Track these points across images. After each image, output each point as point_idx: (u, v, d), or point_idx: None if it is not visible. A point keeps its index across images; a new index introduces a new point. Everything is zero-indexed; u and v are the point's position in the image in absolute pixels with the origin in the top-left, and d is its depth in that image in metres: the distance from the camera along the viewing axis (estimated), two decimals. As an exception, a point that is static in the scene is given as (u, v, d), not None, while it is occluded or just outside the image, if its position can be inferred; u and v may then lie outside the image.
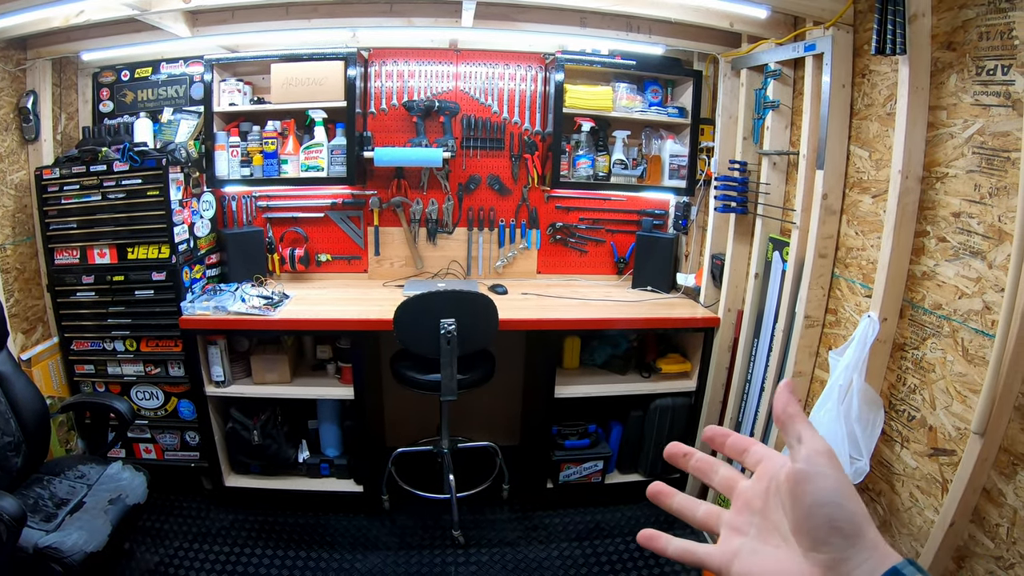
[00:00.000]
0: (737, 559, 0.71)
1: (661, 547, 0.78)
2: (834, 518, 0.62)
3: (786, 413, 0.70)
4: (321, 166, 4.39)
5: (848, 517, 0.62)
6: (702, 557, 0.74)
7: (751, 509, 0.73)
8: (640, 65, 4.43)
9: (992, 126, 2.31)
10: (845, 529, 0.62)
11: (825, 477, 0.64)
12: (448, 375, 3.88)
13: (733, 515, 0.75)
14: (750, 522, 0.73)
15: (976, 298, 2.39)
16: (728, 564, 0.71)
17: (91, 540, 2.93)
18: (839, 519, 0.62)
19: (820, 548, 0.63)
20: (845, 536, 0.62)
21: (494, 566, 3.94)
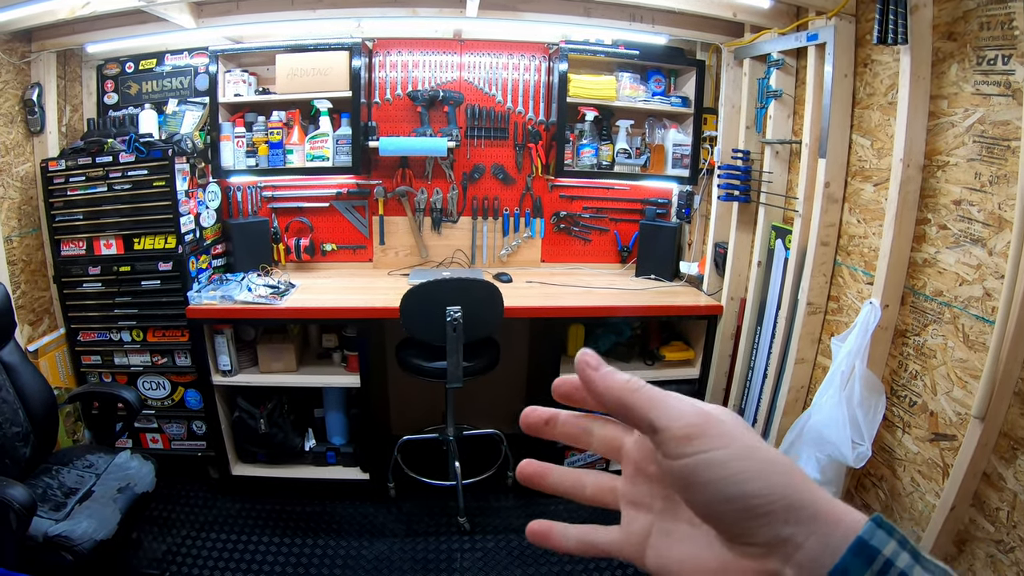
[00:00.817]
0: (649, 548, 0.58)
1: (557, 543, 0.64)
2: (745, 508, 0.48)
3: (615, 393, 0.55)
4: (326, 156, 4.41)
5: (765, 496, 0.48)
6: (605, 547, 0.62)
7: (646, 476, 0.60)
8: (643, 55, 4.44)
9: (992, 115, 2.33)
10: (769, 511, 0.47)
11: (711, 466, 0.49)
12: (454, 362, 3.90)
13: (628, 485, 0.62)
14: (650, 493, 0.59)
15: (976, 285, 2.41)
16: (640, 554, 0.59)
17: (101, 528, 2.96)
18: (752, 506, 0.48)
19: (744, 539, 0.49)
20: (771, 520, 0.47)
21: (499, 552, 3.97)
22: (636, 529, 0.59)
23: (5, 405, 3.22)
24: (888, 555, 0.44)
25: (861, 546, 0.45)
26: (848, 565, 0.45)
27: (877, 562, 0.44)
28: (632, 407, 0.53)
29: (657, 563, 0.57)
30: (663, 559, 0.57)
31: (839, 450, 2.75)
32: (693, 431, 0.50)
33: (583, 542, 0.63)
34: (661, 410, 0.51)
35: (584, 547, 0.63)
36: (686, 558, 0.55)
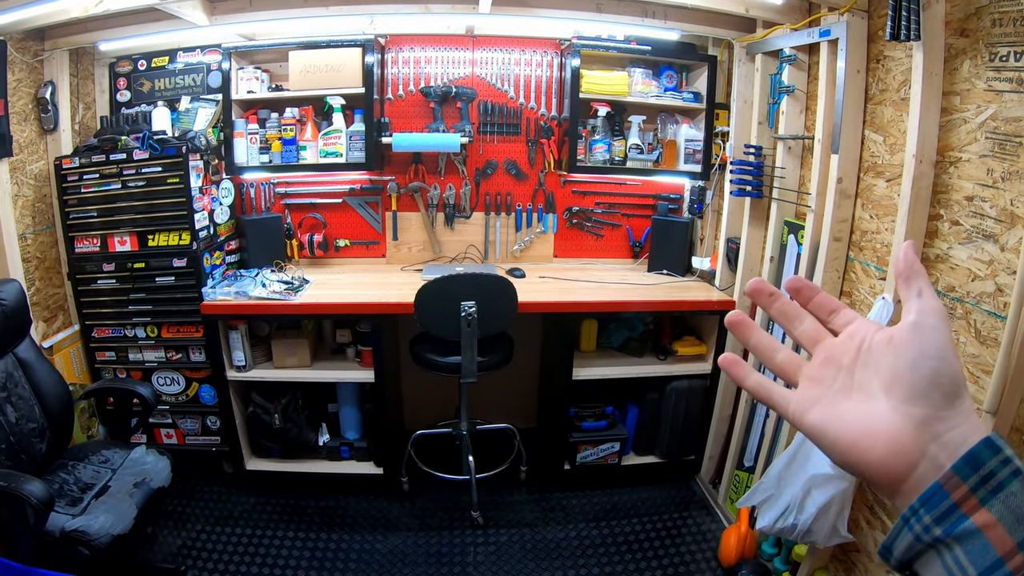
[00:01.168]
0: (815, 407, 0.69)
1: (740, 375, 0.77)
2: (939, 373, 0.61)
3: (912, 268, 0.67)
4: (339, 152, 4.42)
5: (951, 376, 0.61)
6: (777, 398, 0.73)
7: (837, 365, 0.70)
8: (655, 50, 4.44)
9: (1005, 111, 2.33)
10: (946, 387, 0.61)
11: (937, 331, 0.63)
12: (468, 357, 3.92)
13: (816, 367, 0.72)
14: (834, 377, 0.70)
15: (988, 280, 2.41)
16: (803, 412, 0.70)
17: (117, 523, 2.98)
18: (943, 375, 0.61)
19: (918, 401, 0.61)
20: (944, 394, 0.61)
21: (512, 546, 3.99)
22: (809, 395, 0.70)
23: (21, 401, 3.25)
24: (1008, 454, 0.56)
25: (990, 443, 0.57)
26: (980, 451, 0.57)
27: (1001, 455, 0.56)
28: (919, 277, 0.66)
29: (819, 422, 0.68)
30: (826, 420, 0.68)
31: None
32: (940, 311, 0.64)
33: (761, 385, 0.75)
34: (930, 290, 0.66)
35: (760, 389, 0.75)
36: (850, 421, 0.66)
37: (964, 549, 0.55)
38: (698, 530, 4.16)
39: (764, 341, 0.77)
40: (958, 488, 0.56)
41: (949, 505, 0.56)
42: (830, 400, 0.69)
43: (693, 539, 4.08)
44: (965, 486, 0.56)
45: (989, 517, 0.54)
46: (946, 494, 0.56)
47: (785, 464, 3.10)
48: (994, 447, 0.56)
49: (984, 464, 0.56)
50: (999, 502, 0.54)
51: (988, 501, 0.55)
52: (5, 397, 3.17)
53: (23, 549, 2.81)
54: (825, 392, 0.69)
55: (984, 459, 0.56)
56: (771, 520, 3.10)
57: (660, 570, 3.81)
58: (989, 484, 0.55)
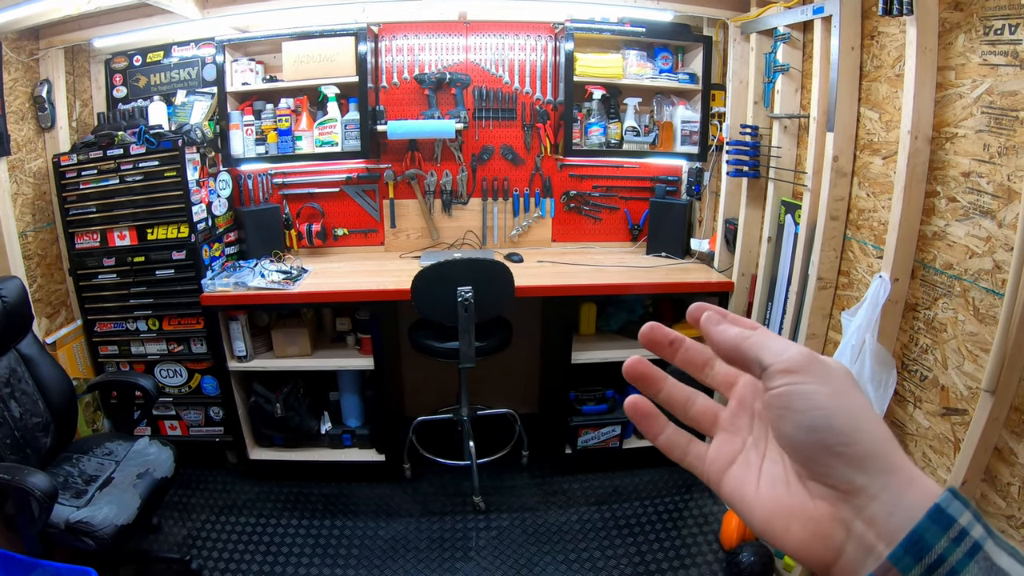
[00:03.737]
0: (729, 472, 0.61)
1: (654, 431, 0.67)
2: (827, 442, 0.51)
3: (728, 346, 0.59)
4: (335, 141, 4.43)
5: (847, 436, 0.51)
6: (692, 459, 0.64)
7: (749, 412, 0.63)
8: (650, 32, 4.43)
9: (1000, 86, 2.32)
10: (847, 453, 0.50)
11: (803, 396, 0.52)
12: (466, 342, 3.93)
13: (729, 416, 0.64)
14: (748, 426, 0.62)
15: (986, 257, 2.41)
16: (718, 476, 0.62)
17: (121, 513, 3.01)
18: (834, 442, 0.51)
19: (820, 478, 0.52)
20: (848, 461, 0.50)
21: (514, 531, 4.01)
22: (723, 454, 0.62)
23: (25, 396, 3.27)
24: (964, 525, 0.46)
25: (938, 513, 0.47)
26: (924, 531, 0.46)
27: (953, 530, 0.46)
28: (745, 352, 0.57)
29: (731, 489, 0.60)
30: (739, 487, 0.60)
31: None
32: (794, 365, 0.53)
33: (672, 442, 0.66)
34: (770, 349, 0.56)
35: (674, 449, 0.66)
36: (764, 494, 0.57)
37: None
38: (699, 513, 4.18)
39: (676, 393, 0.67)
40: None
41: None
42: (744, 460, 0.61)
43: (695, 522, 4.10)
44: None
45: None
46: None
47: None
48: (943, 519, 0.47)
49: (930, 549, 0.46)
50: None
51: None
52: (9, 393, 3.19)
53: (29, 541, 2.84)
54: (739, 448, 0.62)
55: (930, 541, 0.46)
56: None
57: (662, 553, 3.83)
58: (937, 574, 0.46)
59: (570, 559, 3.79)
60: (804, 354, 0.54)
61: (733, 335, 0.59)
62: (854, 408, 0.52)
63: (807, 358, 0.54)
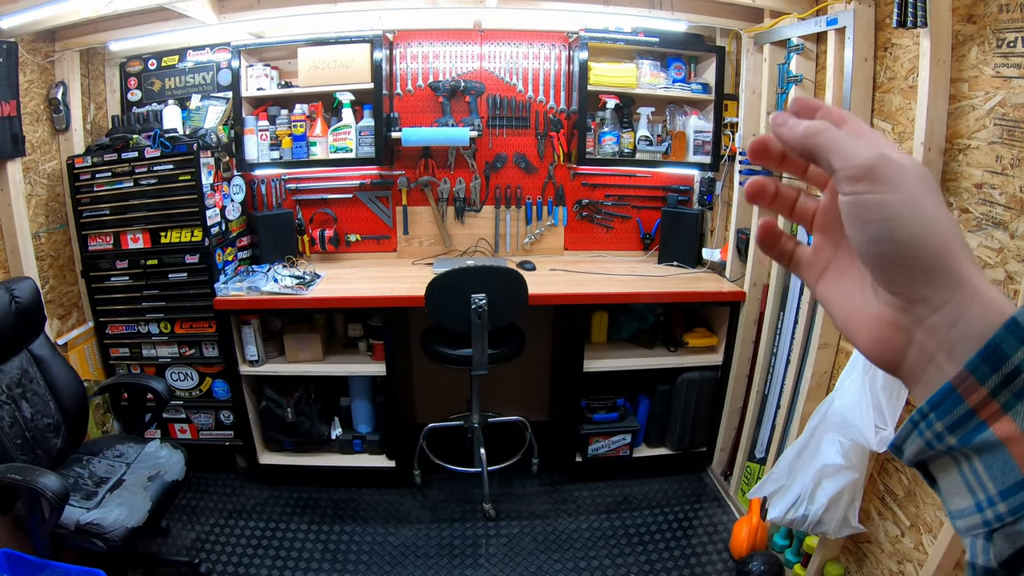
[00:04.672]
0: (823, 278, 0.63)
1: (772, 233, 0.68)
2: (890, 254, 0.51)
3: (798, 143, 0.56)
4: (349, 147, 4.44)
5: (911, 249, 0.50)
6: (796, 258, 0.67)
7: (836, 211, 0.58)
8: (663, 42, 4.44)
9: (1013, 98, 2.32)
10: (913, 263, 0.50)
11: (869, 207, 0.51)
12: (479, 349, 3.93)
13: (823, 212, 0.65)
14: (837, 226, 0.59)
15: (999, 268, 2.41)
16: (815, 280, 0.64)
17: (132, 516, 3.01)
18: (897, 254, 0.50)
19: (885, 285, 0.53)
20: (913, 273, 0.50)
21: (524, 538, 4.01)
22: (819, 259, 0.64)
23: (36, 397, 3.28)
24: None
25: (1015, 325, 0.46)
26: (1002, 340, 0.46)
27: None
28: (814, 149, 0.54)
29: (823, 293, 0.63)
30: (828, 291, 0.62)
31: (862, 434, 2.75)
32: (864, 173, 0.51)
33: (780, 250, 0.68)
34: (839, 151, 0.52)
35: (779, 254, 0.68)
36: (844, 297, 0.60)
37: (984, 463, 0.47)
38: (709, 522, 4.17)
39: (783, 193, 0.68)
40: (975, 391, 0.47)
41: (964, 412, 0.47)
42: (837, 262, 0.62)
43: (704, 531, 4.09)
44: (983, 389, 0.46)
45: (1013, 428, 0.46)
46: (960, 398, 0.47)
47: (795, 454, 3.11)
48: (1021, 332, 0.45)
49: (1008, 359, 0.45)
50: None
51: (1012, 407, 0.46)
52: (20, 393, 3.20)
53: (39, 542, 2.85)
54: (832, 252, 0.63)
55: (1008, 351, 0.45)
56: (782, 511, 3.11)
57: (671, 562, 3.82)
58: (1014, 384, 0.45)
59: (580, 567, 3.78)
60: (878, 156, 0.51)
61: (801, 132, 0.55)
62: (924, 217, 0.50)
63: (877, 161, 0.51)
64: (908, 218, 0.50)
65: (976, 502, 0.48)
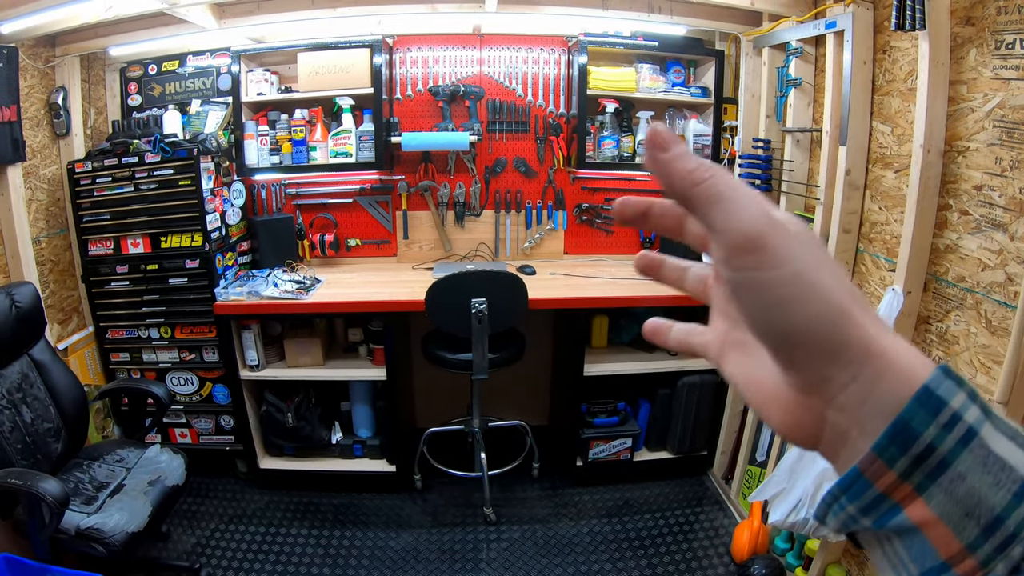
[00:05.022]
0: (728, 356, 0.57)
1: (663, 341, 0.65)
2: (785, 338, 0.45)
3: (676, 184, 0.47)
4: (349, 152, 4.45)
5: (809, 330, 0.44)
6: (698, 347, 0.61)
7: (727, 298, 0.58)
8: (662, 46, 4.45)
9: (1012, 99, 2.33)
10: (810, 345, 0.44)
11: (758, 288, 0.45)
12: (479, 354, 3.93)
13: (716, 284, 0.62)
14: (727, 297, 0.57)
15: (999, 270, 2.41)
16: (720, 357, 0.57)
17: (132, 520, 3.01)
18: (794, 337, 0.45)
19: (787, 369, 0.47)
20: (812, 354, 0.45)
21: (525, 543, 4.00)
22: (720, 336, 0.58)
23: (36, 402, 3.29)
24: (956, 408, 0.40)
25: (927, 395, 0.41)
26: (911, 416, 0.41)
27: (943, 414, 0.40)
28: (693, 201, 0.47)
29: (731, 374, 0.57)
30: (735, 371, 0.56)
31: (863, 437, 2.75)
32: (751, 244, 0.44)
33: (681, 341, 0.64)
34: (722, 212, 0.45)
35: (682, 345, 0.64)
36: (750, 377, 0.54)
37: (903, 545, 0.43)
38: (710, 525, 4.17)
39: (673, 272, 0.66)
40: (883, 475, 0.42)
41: (875, 496, 0.43)
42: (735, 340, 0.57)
43: (705, 534, 4.09)
44: (892, 472, 0.42)
45: (927, 513, 0.41)
46: (869, 483, 0.43)
47: (797, 457, 3.11)
48: (932, 404, 0.41)
49: (917, 437, 0.41)
50: (939, 491, 0.41)
51: (926, 488, 0.41)
52: (21, 398, 3.21)
53: (39, 546, 2.85)
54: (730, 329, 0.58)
55: (917, 429, 0.41)
56: (783, 514, 3.10)
57: (672, 566, 3.81)
58: (926, 465, 0.41)
59: (581, 571, 3.78)
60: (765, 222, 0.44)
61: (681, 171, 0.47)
62: (820, 292, 0.44)
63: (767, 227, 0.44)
64: (804, 296, 0.44)
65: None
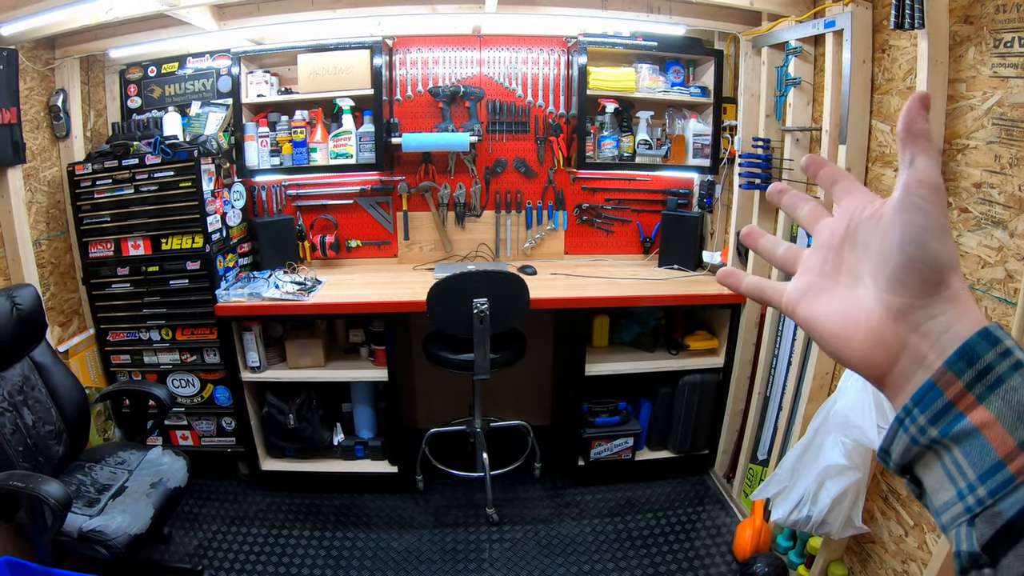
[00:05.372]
0: (805, 298, 0.69)
1: (735, 283, 0.79)
2: (916, 259, 0.57)
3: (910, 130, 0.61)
4: (350, 153, 4.45)
5: (932, 261, 0.57)
6: (770, 293, 0.74)
7: (827, 246, 0.69)
8: (662, 46, 4.45)
9: (1011, 97, 2.33)
10: (926, 273, 0.57)
11: (919, 212, 0.58)
12: (481, 354, 3.93)
13: (810, 253, 0.72)
14: (824, 260, 0.69)
15: (998, 267, 2.41)
16: (794, 303, 0.70)
17: (134, 522, 3.01)
18: (922, 261, 0.57)
19: (895, 290, 0.59)
20: (924, 281, 0.57)
21: (527, 543, 4.01)
22: (800, 284, 0.70)
23: (38, 404, 3.29)
24: (1008, 346, 0.53)
25: (987, 333, 0.54)
26: (976, 344, 0.54)
27: (1000, 347, 0.53)
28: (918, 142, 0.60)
29: (807, 312, 0.68)
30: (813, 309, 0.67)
31: (865, 435, 2.75)
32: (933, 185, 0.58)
33: (753, 285, 0.77)
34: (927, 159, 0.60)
35: (753, 290, 0.77)
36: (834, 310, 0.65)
37: (963, 450, 0.53)
38: (712, 524, 4.17)
39: (767, 242, 0.79)
40: (952, 385, 0.53)
41: (944, 404, 0.54)
42: (819, 287, 0.68)
43: (708, 533, 4.09)
44: (960, 382, 0.53)
45: (987, 415, 0.51)
46: (940, 392, 0.54)
47: (798, 455, 3.10)
48: (991, 338, 0.53)
49: (980, 357, 0.53)
50: (997, 398, 0.51)
51: (986, 398, 0.52)
52: (22, 400, 3.21)
53: (41, 549, 2.85)
54: (815, 279, 0.69)
55: (980, 352, 0.53)
56: (785, 512, 3.10)
57: (675, 564, 3.82)
58: (986, 379, 0.52)
59: (583, 571, 3.78)
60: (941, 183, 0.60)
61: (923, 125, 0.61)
62: (946, 241, 0.58)
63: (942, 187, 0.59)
64: (938, 235, 0.57)
65: (958, 490, 0.53)
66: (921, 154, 0.59)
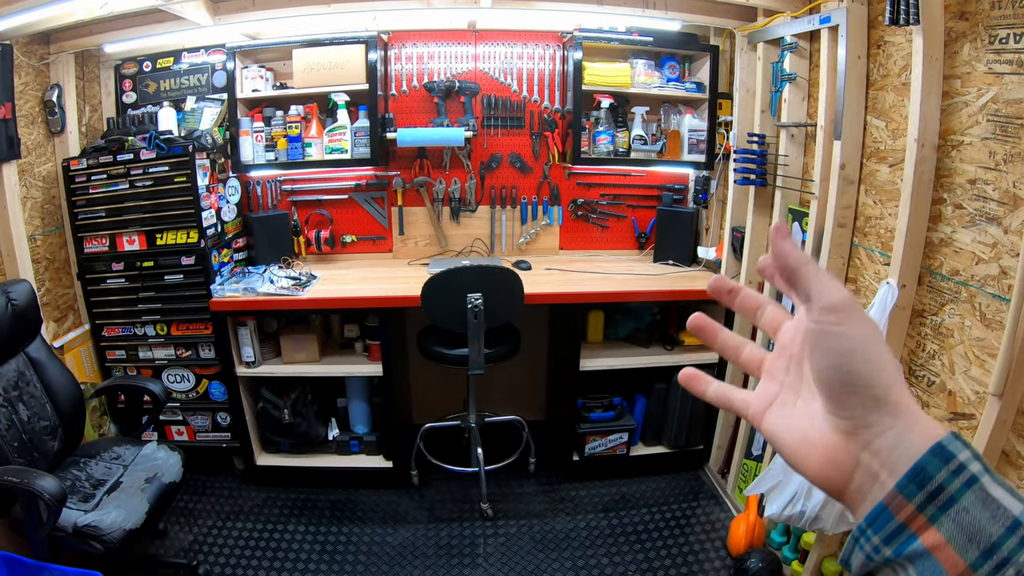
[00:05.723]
0: (769, 412, 0.68)
1: (701, 389, 0.77)
2: (846, 383, 0.58)
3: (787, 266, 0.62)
4: (345, 148, 4.45)
5: (861, 382, 0.57)
6: (736, 403, 0.73)
7: (788, 354, 0.69)
8: (657, 41, 4.45)
9: (1006, 94, 2.33)
10: (863, 392, 0.57)
11: (835, 338, 0.58)
12: (476, 349, 3.94)
13: (773, 359, 0.72)
14: (786, 368, 0.69)
15: (992, 263, 2.42)
16: (759, 415, 0.69)
17: (129, 517, 3.01)
18: (851, 384, 0.57)
19: (837, 412, 0.59)
20: (863, 400, 0.57)
21: (522, 537, 4.01)
22: (765, 395, 0.70)
23: (33, 400, 3.28)
24: (962, 460, 0.52)
25: (940, 449, 0.53)
26: (927, 463, 0.53)
27: (952, 463, 0.52)
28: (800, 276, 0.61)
29: (770, 426, 0.68)
30: (776, 424, 0.67)
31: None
32: (837, 307, 0.59)
33: (719, 395, 0.75)
34: (819, 285, 0.60)
35: (720, 399, 0.75)
36: (794, 427, 0.65)
37: (916, 570, 0.53)
38: (707, 519, 4.18)
39: (728, 341, 0.78)
40: (904, 508, 0.54)
41: (896, 526, 0.54)
42: (781, 400, 0.68)
43: (702, 528, 4.10)
44: (911, 505, 0.53)
45: (938, 537, 0.52)
46: (891, 515, 0.54)
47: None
48: (944, 454, 0.53)
49: (932, 478, 0.53)
50: (948, 520, 0.52)
51: (937, 519, 0.52)
52: (17, 396, 3.20)
53: (36, 544, 2.85)
54: (778, 389, 0.69)
55: (932, 472, 0.53)
56: (779, 507, 3.11)
57: (669, 559, 3.82)
58: (937, 500, 0.52)
59: (578, 566, 3.78)
60: (847, 299, 0.59)
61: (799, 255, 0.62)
62: (876, 356, 0.58)
63: (850, 303, 0.59)
64: (865, 353, 0.58)
65: None
66: (812, 283, 0.61)
